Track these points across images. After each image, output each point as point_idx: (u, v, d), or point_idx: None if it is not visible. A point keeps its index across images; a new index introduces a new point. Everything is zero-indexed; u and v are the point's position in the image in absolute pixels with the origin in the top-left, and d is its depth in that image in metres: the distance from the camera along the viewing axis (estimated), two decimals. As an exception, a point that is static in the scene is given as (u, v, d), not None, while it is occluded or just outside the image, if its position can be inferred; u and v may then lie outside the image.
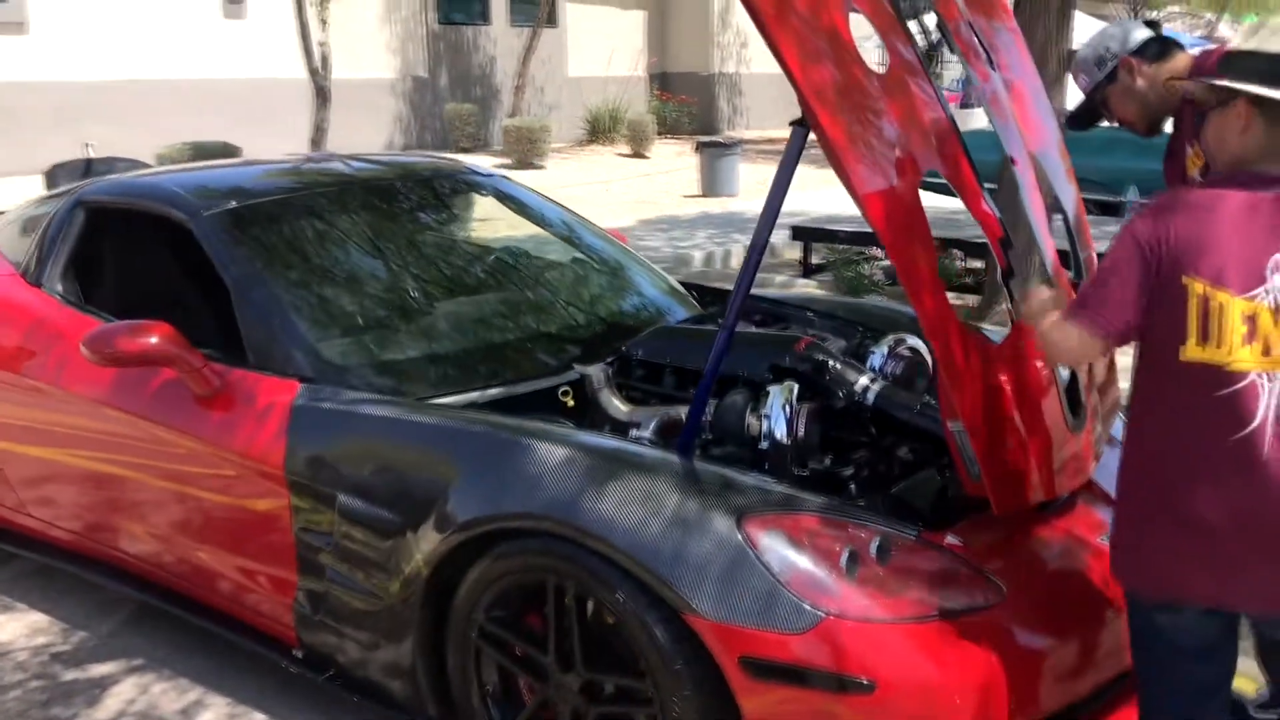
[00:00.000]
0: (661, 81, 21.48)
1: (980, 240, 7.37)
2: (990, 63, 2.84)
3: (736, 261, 9.52)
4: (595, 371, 3.01)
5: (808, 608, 2.17)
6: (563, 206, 4.17)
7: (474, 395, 2.96)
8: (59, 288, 3.57)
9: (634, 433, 2.83)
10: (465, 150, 16.62)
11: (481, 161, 15.39)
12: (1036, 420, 2.51)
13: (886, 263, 7.83)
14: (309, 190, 3.56)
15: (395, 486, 2.65)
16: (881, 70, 2.45)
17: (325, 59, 11.96)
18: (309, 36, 11.89)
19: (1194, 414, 2.00)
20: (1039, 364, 2.54)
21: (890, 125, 2.38)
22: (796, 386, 2.77)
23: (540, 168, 15.22)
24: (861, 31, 2.55)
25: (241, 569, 3.03)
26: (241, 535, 3.00)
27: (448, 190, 3.93)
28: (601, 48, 20.08)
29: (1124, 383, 3.08)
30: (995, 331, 3.26)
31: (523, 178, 14.28)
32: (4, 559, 3.86)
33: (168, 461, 3.12)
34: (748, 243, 9.81)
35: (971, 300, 7.09)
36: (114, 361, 2.97)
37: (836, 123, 2.22)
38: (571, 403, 3.03)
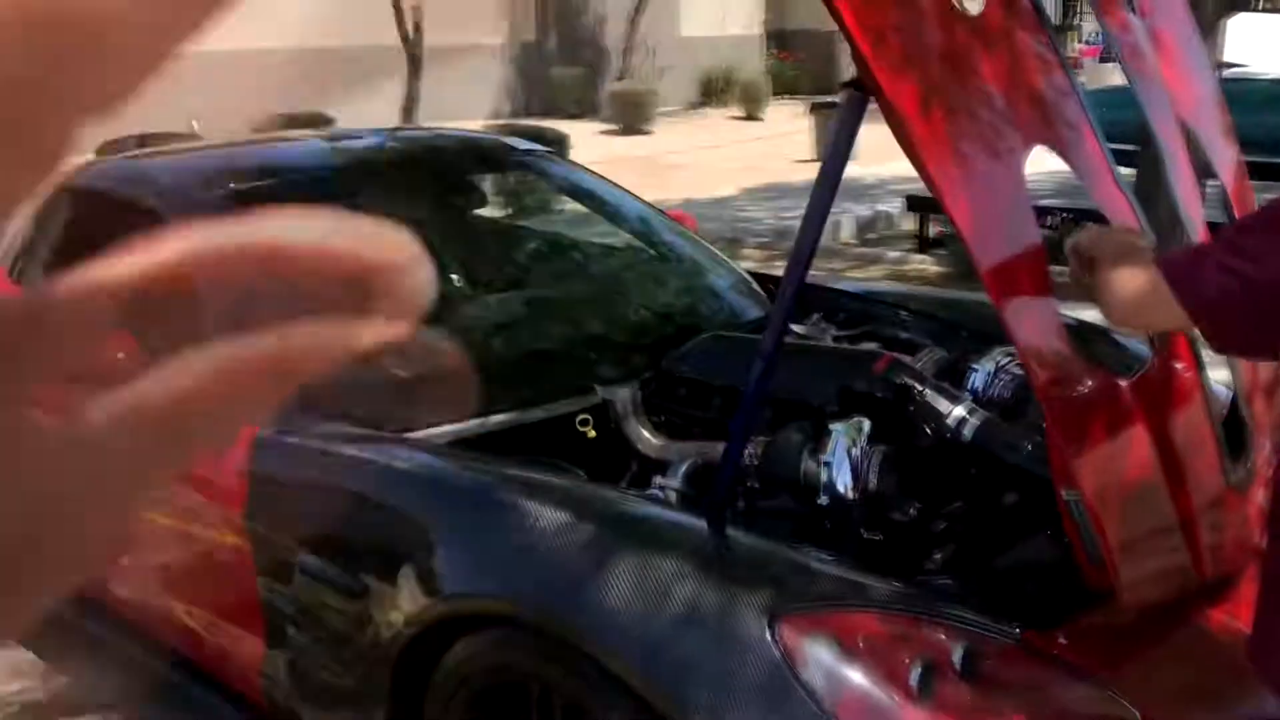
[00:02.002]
0: (778, 40, 20.59)
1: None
2: (1131, 7, 2.18)
3: (847, 233, 8.80)
4: (620, 396, 2.46)
5: (863, 746, 1.59)
6: (617, 185, 3.60)
7: (472, 425, 2.43)
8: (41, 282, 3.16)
9: (659, 481, 2.26)
10: (572, 116, 16.12)
11: (586, 128, 14.88)
12: (1183, 481, 1.87)
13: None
14: (311, 172, 3.05)
15: (359, 544, 2.15)
16: (975, 11, 1.82)
17: (417, 25, 11.54)
18: (400, 2, 11.47)
19: None
20: (1191, 404, 1.90)
21: (984, 87, 1.76)
22: (867, 424, 2.17)
23: (647, 133, 14.63)
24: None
25: (212, 626, 2.58)
26: (211, 590, 2.55)
27: (485, 169, 3.39)
28: (714, 5, 19.29)
29: None
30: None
31: (628, 144, 13.77)
32: None
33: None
34: (860, 212, 9.11)
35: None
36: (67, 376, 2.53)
37: (904, 85, 1.61)
38: (593, 434, 2.48)
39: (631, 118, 14.86)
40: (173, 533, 2.59)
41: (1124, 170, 2.15)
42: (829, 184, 1.82)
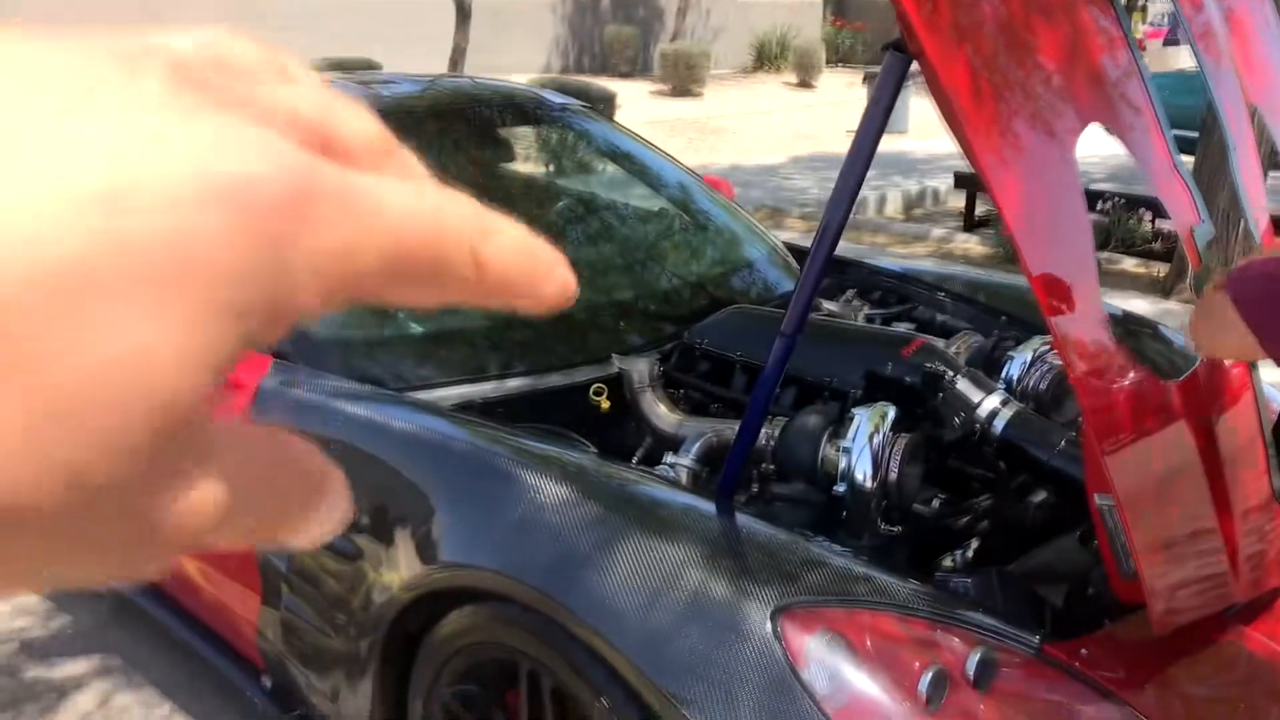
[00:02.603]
0: (836, 7, 20.25)
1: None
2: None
3: (893, 208, 8.61)
4: (637, 367, 2.35)
5: (863, 756, 1.49)
6: (651, 146, 3.48)
7: (484, 388, 2.34)
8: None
9: (670, 458, 2.16)
10: (623, 75, 15.95)
11: (637, 88, 14.70)
12: (1227, 491, 1.74)
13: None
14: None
15: (357, 505, 2.07)
16: (1034, -22, 1.68)
17: (468, -25, 11.39)
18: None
19: None
20: (1241, 407, 1.77)
21: (1040, 63, 1.62)
22: (892, 411, 2.05)
23: (697, 95, 14.43)
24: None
25: (211, 579, 2.52)
26: (207, 538, 2.48)
27: (518, 122, 3.28)
28: (774, -31, 19.01)
29: None
30: (1183, 315, 2.47)
31: (677, 106, 13.60)
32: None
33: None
34: (908, 187, 8.91)
35: (1158, 269, 6.09)
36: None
37: (952, 54, 1.49)
38: (607, 405, 2.38)
39: (683, 79, 14.67)
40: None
41: (1183, 158, 2.02)
42: (864, 153, 1.70)
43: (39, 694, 2.71)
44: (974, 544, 2.05)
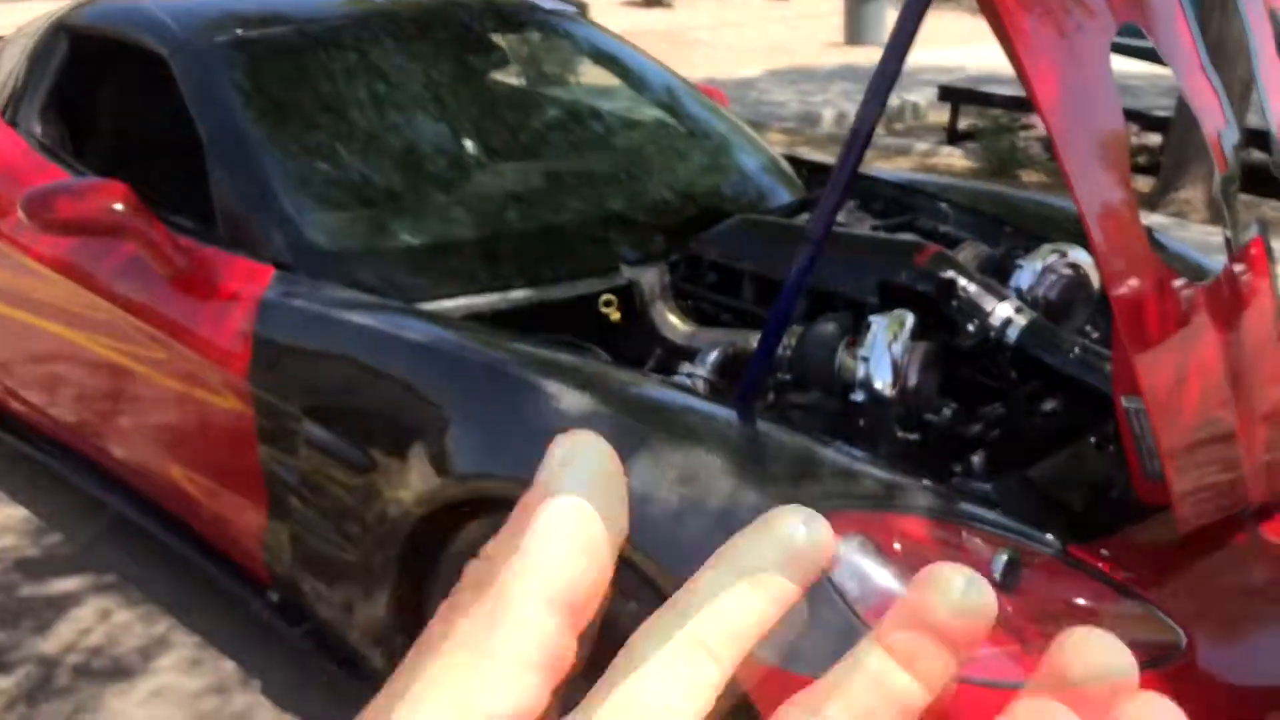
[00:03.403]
0: (810, -83, 19.86)
1: (1159, 114, 6.33)
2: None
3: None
4: (646, 278, 2.32)
5: (893, 657, 1.50)
6: (648, 55, 3.40)
7: (492, 299, 2.30)
8: (36, 128, 3.00)
9: (686, 368, 2.14)
10: (593, -15, 15.63)
11: (607, -2, 14.39)
12: (1250, 397, 1.75)
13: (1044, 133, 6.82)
14: (327, 21, 2.85)
15: (368, 418, 2.04)
16: None
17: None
18: None
19: None
20: (1260, 313, 1.77)
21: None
22: (911, 319, 2.04)
23: (668, 6, 14.18)
24: None
25: (211, 492, 2.49)
26: (208, 453, 2.45)
27: (507, 28, 3.19)
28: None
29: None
30: (1169, 229, 2.47)
31: (648, 17, 13.34)
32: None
33: (137, 350, 2.57)
34: (889, 101, 8.85)
35: (1142, 184, 6.09)
36: (55, 229, 2.39)
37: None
38: (617, 316, 2.35)
39: (654, -12, 14.39)
40: (170, 393, 2.49)
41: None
42: (897, 54, 1.66)
43: (35, 610, 2.69)
44: (990, 451, 2.05)
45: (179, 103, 2.60)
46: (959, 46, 10.05)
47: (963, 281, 2.21)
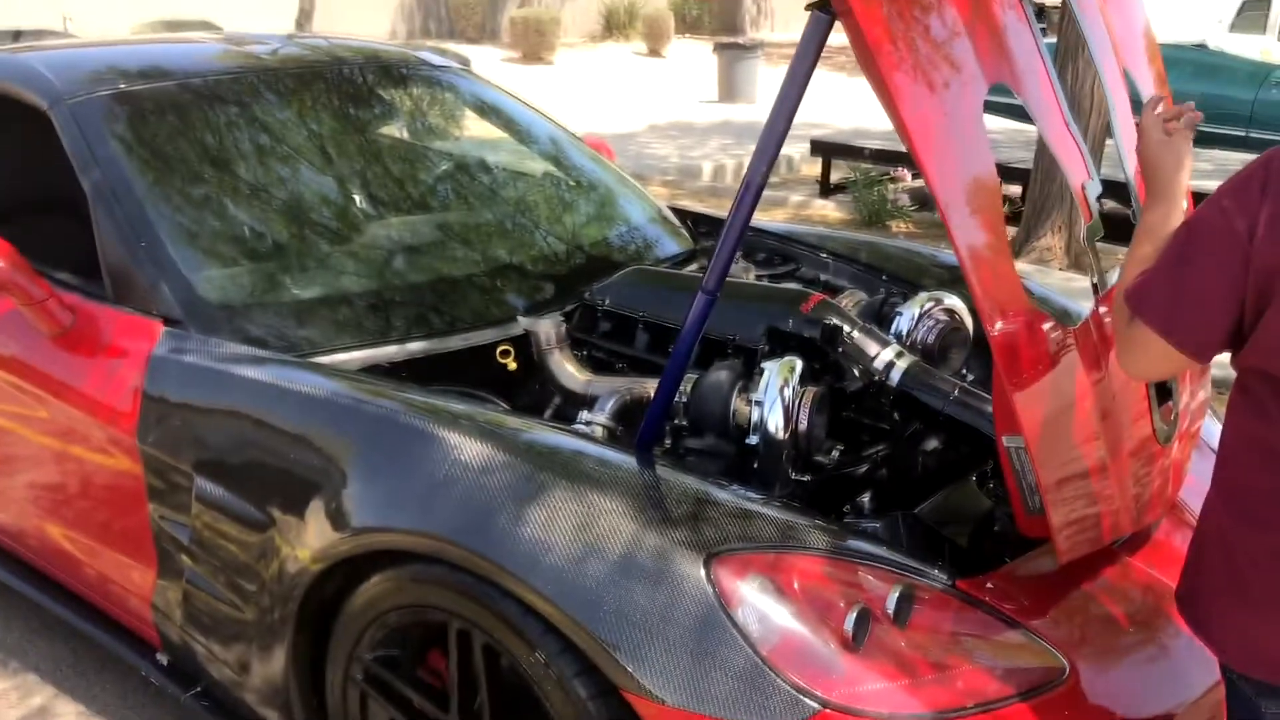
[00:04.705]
0: (683, -24, 20.35)
1: (1018, 166, 6.63)
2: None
3: (749, 175, 8.76)
4: (544, 326, 2.36)
5: (796, 692, 1.55)
6: (537, 110, 3.46)
7: (388, 351, 2.30)
8: (-91, 185, 2.91)
9: (585, 416, 2.18)
10: (471, 40, 15.74)
11: (487, 54, 14.51)
12: (1121, 432, 1.86)
13: (915, 184, 7.09)
14: (211, 76, 2.83)
15: (263, 473, 2.02)
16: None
17: (314, -67, 11.08)
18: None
19: None
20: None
21: (948, 19, 1.69)
22: (800, 364, 2.11)
23: (548, 63, 14.35)
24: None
25: (95, 553, 2.42)
26: (94, 514, 2.39)
27: (393, 83, 3.21)
28: (622, -64, 18.97)
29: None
30: (1032, 275, 2.60)
31: (529, 73, 13.48)
32: None
33: (19, 410, 2.49)
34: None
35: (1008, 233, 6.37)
36: (-69, 288, 2.31)
37: (871, 8, 1.53)
38: (514, 365, 2.38)
39: (533, 45, 14.57)
40: (53, 454, 2.42)
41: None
42: (787, 111, 1.74)
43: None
44: (878, 491, 2.13)
45: (61, 157, 2.55)
46: (829, 103, 10.38)
47: (846, 328, 2.29)
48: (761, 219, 2.88)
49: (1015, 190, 6.76)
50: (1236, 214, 1.37)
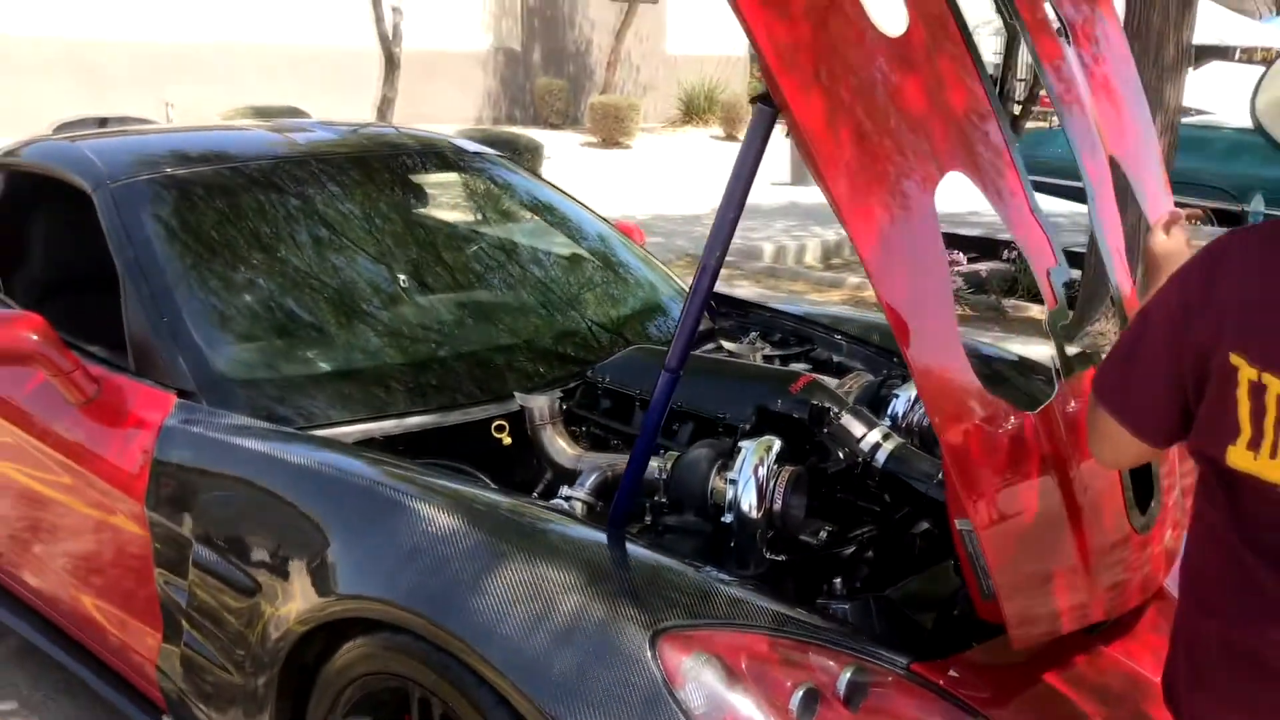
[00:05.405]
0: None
1: (1080, 250, 6.55)
2: (1067, 39, 2.18)
3: (812, 257, 8.80)
4: (538, 402, 2.42)
5: (736, 773, 1.55)
6: (566, 194, 3.57)
7: (386, 425, 2.38)
8: (-36, 262, 3.11)
9: (565, 491, 2.23)
10: (554, 126, 16.15)
11: (567, 139, 14.87)
12: (1085, 519, 1.85)
13: (971, 268, 7.07)
14: (244, 161, 2.99)
15: (253, 540, 2.10)
16: (896, 33, 1.80)
17: (396, 27, 11.51)
18: (380, 2, 11.44)
19: (1251, 534, 1.36)
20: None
21: (901, 110, 1.74)
22: (777, 444, 2.14)
23: (626, 147, 14.64)
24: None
25: (112, 616, 2.52)
26: (112, 579, 2.49)
27: (419, 168, 3.35)
28: (701, 25, 19.37)
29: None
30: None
31: (606, 157, 13.80)
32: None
33: (49, 477, 2.62)
34: (827, 237, 9.12)
35: (1037, 312, 6.30)
36: (-32, 357, 2.47)
37: (810, 102, 1.59)
38: (509, 440, 2.44)
39: (611, 130, 14.89)
40: (77, 519, 2.54)
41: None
42: (736, 199, 1.79)
43: (-67, 738, 2.68)
44: (854, 572, 2.13)
45: (101, 237, 2.71)
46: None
47: (834, 409, 2.32)
48: (818, 299, 2.94)
49: (1076, 274, 6.69)
50: (1178, 298, 1.39)
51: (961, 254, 7.09)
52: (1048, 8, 2.14)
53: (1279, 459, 1.29)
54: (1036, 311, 6.50)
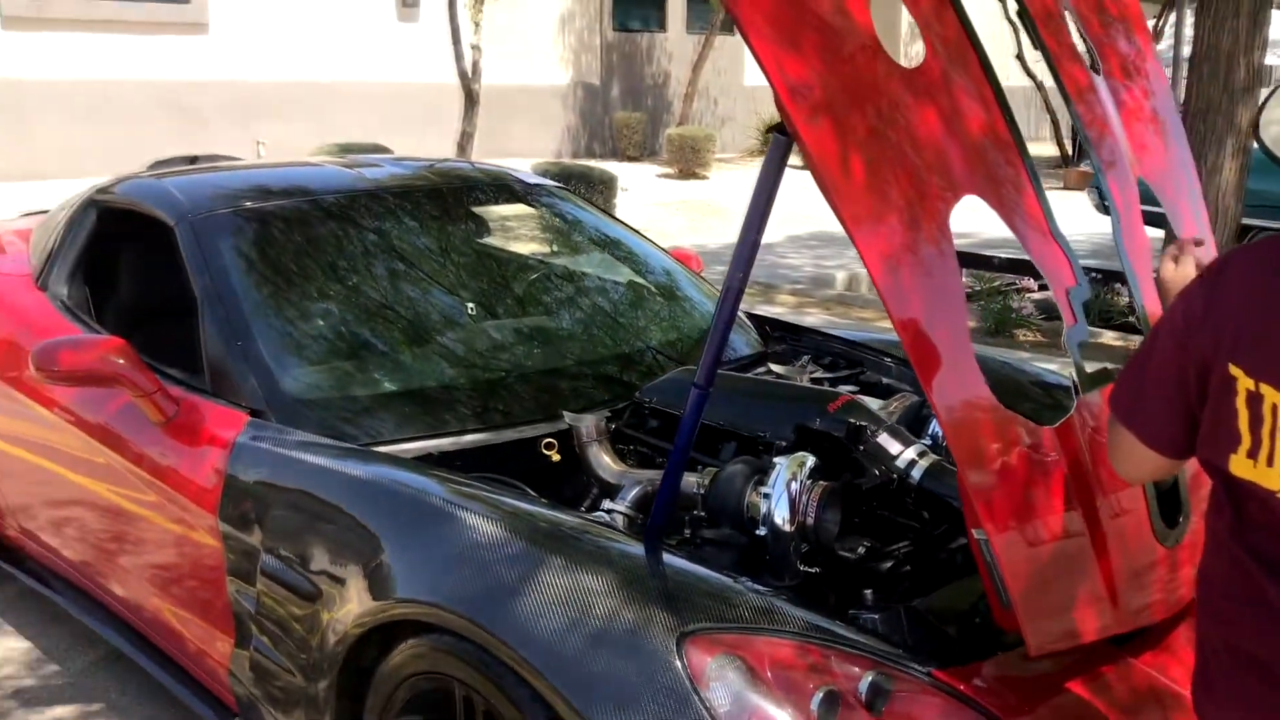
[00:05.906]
0: (843, 92, 20.67)
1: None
2: (1095, 69, 2.24)
3: (865, 287, 8.81)
4: (584, 422, 2.53)
5: (757, 772, 1.63)
6: (624, 224, 3.69)
7: (443, 442, 2.51)
8: (62, 291, 3.32)
9: (607, 504, 2.33)
10: (632, 159, 16.35)
11: (644, 170, 15.04)
12: (1105, 530, 1.90)
13: (1040, 295, 7.04)
14: (318, 195, 3.17)
15: (315, 548, 2.23)
16: (913, 64, 1.88)
17: (475, 64, 11.82)
18: (460, 40, 11.76)
19: (1253, 541, 1.40)
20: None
21: (915, 138, 1.82)
22: (811, 460, 2.22)
23: (703, 178, 14.76)
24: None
25: (191, 625, 2.68)
26: (190, 589, 2.65)
27: (486, 200, 3.50)
28: (780, 56, 19.45)
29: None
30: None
31: (682, 187, 13.94)
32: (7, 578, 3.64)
33: (132, 493, 2.80)
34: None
35: (1136, 341, 6.25)
36: (60, 379, 2.66)
37: (821, 132, 1.68)
38: (557, 457, 2.55)
39: (689, 162, 15.02)
40: (160, 533, 2.70)
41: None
42: (755, 226, 1.89)
43: (27, 738, 2.86)
44: (887, 584, 2.20)
45: (181, 268, 2.90)
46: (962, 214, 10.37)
47: (871, 427, 2.39)
48: (887, 327, 2.99)
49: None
50: (1182, 311, 1.46)
51: (1033, 281, 7.06)
52: (1074, 36, 2.21)
53: (1276, 466, 1.34)
54: (1109, 338, 6.46)
